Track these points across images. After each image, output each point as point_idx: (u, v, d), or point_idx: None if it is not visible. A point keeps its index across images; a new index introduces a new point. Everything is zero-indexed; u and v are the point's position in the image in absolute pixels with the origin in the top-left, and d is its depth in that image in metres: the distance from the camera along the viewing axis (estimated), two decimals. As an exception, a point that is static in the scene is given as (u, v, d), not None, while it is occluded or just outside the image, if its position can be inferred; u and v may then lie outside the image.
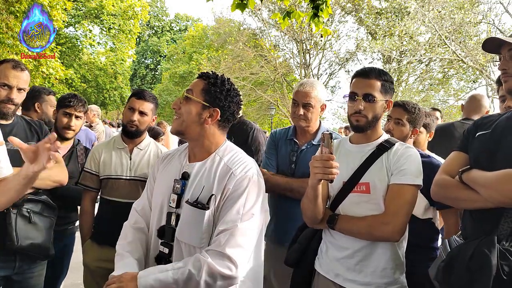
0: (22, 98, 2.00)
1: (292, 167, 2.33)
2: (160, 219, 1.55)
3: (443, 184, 1.51)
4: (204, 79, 1.53)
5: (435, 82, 20.21)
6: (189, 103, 1.50)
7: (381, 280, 1.60)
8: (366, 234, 1.59)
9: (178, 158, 1.63)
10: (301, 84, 2.35)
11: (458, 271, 1.28)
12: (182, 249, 1.48)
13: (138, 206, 1.69)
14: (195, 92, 1.51)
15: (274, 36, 23.73)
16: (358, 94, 1.64)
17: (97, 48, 24.84)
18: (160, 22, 45.06)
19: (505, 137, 1.38)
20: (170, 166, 1.63)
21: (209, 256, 1.34)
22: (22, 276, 1.96)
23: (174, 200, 1.50)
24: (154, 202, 1.60)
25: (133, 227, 1.63)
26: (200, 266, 1.32)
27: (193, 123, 1.49)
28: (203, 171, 1.50)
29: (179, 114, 1.51)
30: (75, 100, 2.51)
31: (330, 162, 1.42)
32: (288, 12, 4.57)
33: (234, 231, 1.37)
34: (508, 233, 1.28)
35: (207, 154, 1.54)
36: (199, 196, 1.46)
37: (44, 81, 12.80)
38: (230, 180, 1.44)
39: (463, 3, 15.85)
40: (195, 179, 1.50)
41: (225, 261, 1.34)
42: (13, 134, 1.96)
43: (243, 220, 1.39)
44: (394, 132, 2.20)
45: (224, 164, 1.49)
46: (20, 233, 1.84)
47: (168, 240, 1.50)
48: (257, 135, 2.94)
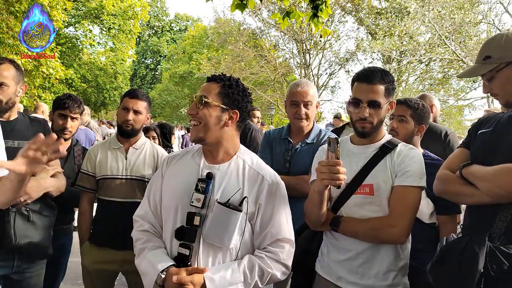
0: (9, 94, 1.93)
1: (287, 166, 2.34)
2: (176, 220, 1.50)
3: (444, 179, 1.55)
4: (217, 82, 1.52)
5: (435, 82, 20.20)
6: (208, 107, 1.48)
7: (384, 282, 1.59)
8: (372, 237, 1.58)
9: (191, 159, 1.60)
10: (298, 84, 2.36)
11: (449, 264, 1.33)
12: (207, 250, 1.46)
13: (139, 214, 1.64)
14: (211, 96, 1.49)
15: (274, 36, 23.75)
16: (363, 101, 1.60)
17: (97, 48, 24.87)
18: (160, 22, 45.04)
19: (504, 136, 1.40)
20: (183, 166, 1.59)
21: (273, 268, 1.48)
22: (21, 275, 1.96)
23: (199, 199, 1.46)
24: (167, 203, 1.55)
25: (139, 230, 1.61)
26: (263, 276, 1.48)
27: (214, 127, 1.49)
28: (229, 173, 1.52)
29: (198, 119, 1.49)
30: (70, 102, 2.48)
31: (337, 168, 1.40)
32: (288, 12, 4.57)
33: (290, 242, 1.55)
34: (502, 232, 1.33)
35: (228, 156, 1.55)
36: (231, 198, 1.46)
37: (44, 81, 12.80)
38: (263, 185, 1.52)
39: (463, 3, 15.84)
40: (222, 180, 1.50)
41: (284, 270, 1.53)
42: (15, 131, 1.96)
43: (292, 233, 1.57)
44: (399, 129, 2.15)
45: (249, 167, 1.54)
46: (18, 231, 1.84)
47: (189, 241, 1.45)
48: (255, 135, 2.95)
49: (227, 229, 1.43)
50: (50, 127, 2.52)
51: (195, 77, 27.56)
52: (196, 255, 1.45)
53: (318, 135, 2.38)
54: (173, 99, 31.63)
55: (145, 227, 1.59)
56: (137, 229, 1.61)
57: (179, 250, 1.46)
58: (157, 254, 1.49)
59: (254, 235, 1.53)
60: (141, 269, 1.51)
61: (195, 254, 1.45)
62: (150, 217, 1.60)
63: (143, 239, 1.55)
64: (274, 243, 1.51)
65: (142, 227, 1.60)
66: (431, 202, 1.94)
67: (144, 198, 1.66)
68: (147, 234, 1.57)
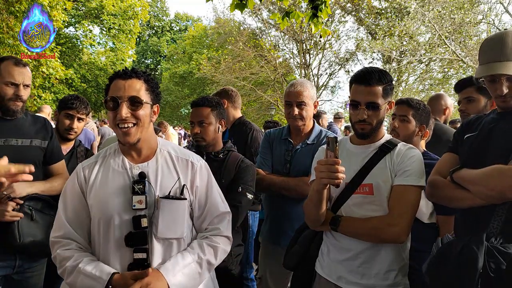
0: (28, 94, 2.01)
1: (287, 167, 2.34)
2: (117, 229, 1.43)
3: (435, 185, 1.57)
4: (139, 78, 1.48)
5: (435, 82, 20.19)
6: (142, 108, 1.44)
7: (384, 282, 1.59)
8: (372, 236, 1.58)
9: (112, 162, 1.52)
10: (292, 85, 2.38)
11: (447, 265, 1.34)
12: (162, 246, 1.47)
13: (58, 235, 1.48)
14: (142, 94, 1.45)
15: (274, 36, 23.74)
16: (361, 103, 1.60)
17: (97, 48, 24.84)
18: (160, 22, 45.04)
19: (491, 139, 1.41)
20: (106, 173, 1.51)
21: (220, 243, 1.55)
22: (22, 275, 1.96)
23: (140, 201, 1.43)
24: (101, 215, 1.45)
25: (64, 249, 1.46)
26: (215, 253, 1.53)
27: (147, 125, 1.49)
28: (160, 167, 1.52)
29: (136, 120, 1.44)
30: (78, 102, 2.51)
31: (335, 167, 1.40)
32: (288, 12, 4.57)
33: (227, 216, 1.64)
34: (498, 231, 1.33)
35: (151, 151, 1.56)
36: (171, 190, 1.49)
37: (44, 81, 12.80)
38: (194, 169, 1.57)
39: (463, 3, 15.82)
40: (155, 176, 1.50)
41: (228, 241, 1.61)
42: (16, 129, 1.97)
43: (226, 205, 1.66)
44: (400, 129, 2.14)
45: (176, 157, 1.58)
46: (23, 230, 1.84)
47: (142, 244, 1.43)
48: (256, 135, 2.94)
49: (177, 220, 1.47)
50: (55, 127, 2.54)
51: (195, 77, 27.53)
52: (153, 255, 1.44)
53: (318, 135, 2.38)
54: (173, 99, 31.59)
55: (71, 246, 1.46)
56: (61, 249, 1.46)
57: (135, 256, 1.42)
58: (96, 266, 1.39)
59: (195, 219, 1.58)
60: (78, 287, 1.39)
61: (152, 254, 1.44)
62: (73, 236, 1.48)
63: (72, 256, 1.43)
64: (215, 219, 1.59)
65: (67, 246, 1.46)
66: (430, 202, 1.94)
67: (59, 218, 1.51)
68: (76, 251, 1.45)
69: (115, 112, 1.42)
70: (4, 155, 1.36)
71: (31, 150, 1.99)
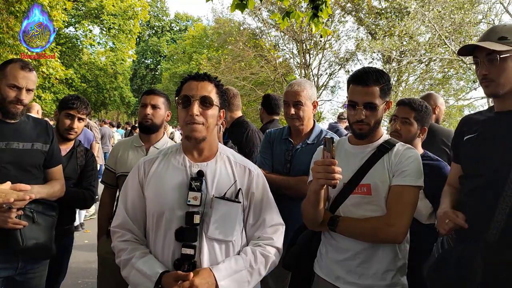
0: (30, 99, 2.01)
1: (288, 166, 2.34)
2: (170, 223, 1.47)
3: None
4: (211, 82, 1.56)
5: (435, 82, 20.18)
6: (211, 108, 1.51)
7: (382, 282, 1.59)
8: (370, 236, 1.58)
9: (172, 159, 1.58)
10: (290, 84, 2.39)
11: (448, 269, 1.35)
12: (210, 246, 1.47)
13: (117, 224, 1.58)
14: (213, 96, 1.52)
15: (274, 36, 23.73)
16: (359, 104, 1.60)
17: (97, 48, 24.88)
18: (160, 22, 45.06)
19: (492, 140, 1.41)
20: (166, 169, 1.56)
21: (272, 253, 1.54)
22: (24, 276, 1.96)
23: (196, 198, 1.45)
24: (156, 208, 1.51)
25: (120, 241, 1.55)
26: (266, 263, 1.53)
27: (213, 127, 1.54)
28: (218, 169, 1.55)
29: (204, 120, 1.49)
30: (79, 102, 2.51)
31: (332, 167, 1.40)
32: (288, 12, 4.57)
33: (281, 228, 1.63)
34: (496, 239, 1.32)
35: (212, 153, 1.59)
36: (227, 192, 1.50)
37: (44, 81, 12.81)
38: (251, 177, 1.59)
39: (463, 3, 15.81)
40: (213, 176, 1.53)
41: (278, 253, 1.59)
42: (18, 132, 1.96)
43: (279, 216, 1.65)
44: (402, 132, 2.13)
45: (234, 161, 1.60)
46: (25, 233, 1.84)
47: (191, 240, 1.45)
48: (251, 136, 2.94)
49: (229, 222, 1.48)
50: (55, 126, 2.54)
51: (195, 77, 27.50)
52: (200, 253, 1.45)
53: (318, 135, 2.37)
54: (173, 99, 31.62)
55: (127, 237, 1.54)
56: (118, 240, 1.55)
57: (183, 251, 1.44)
58: (147, 262, 1.45)
59: (248, 226, 1.59)
60: (130, 280, 1.46)
61: (199, 252, 1.45)
62: (130, 226, 1.55)
63: (127, 249, 1.50)
64: (269, 229, 1.59)
65: (124, 237, 1.54)
66: (429, 203, 1.94)
67: (119, 208, 1.60)
68: (131, 243, 1.53)
69: (186, 110, 1.48)
70: (7, 181, 1.48)
71: (33, 154, 1.98)
